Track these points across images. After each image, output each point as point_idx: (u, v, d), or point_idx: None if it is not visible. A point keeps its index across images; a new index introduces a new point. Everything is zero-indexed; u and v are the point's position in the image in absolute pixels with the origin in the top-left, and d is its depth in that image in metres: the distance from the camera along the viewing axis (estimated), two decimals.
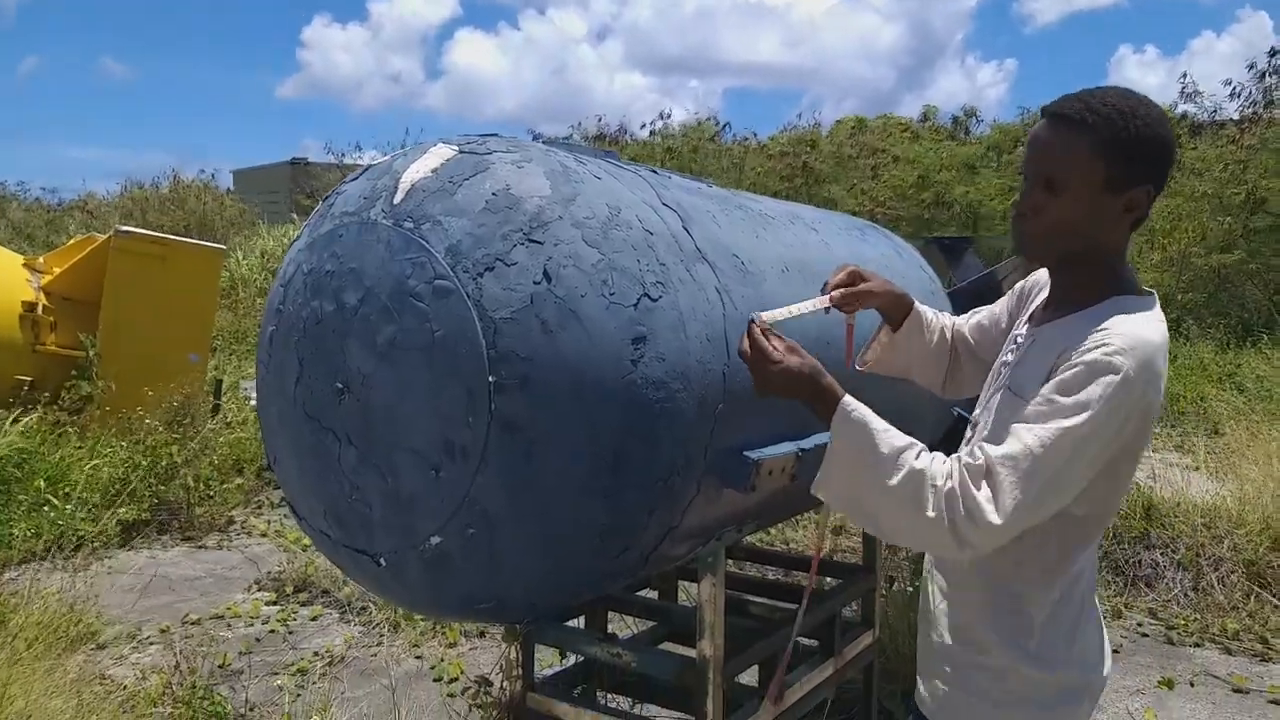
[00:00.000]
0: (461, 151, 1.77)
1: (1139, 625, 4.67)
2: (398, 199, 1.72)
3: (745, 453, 1.90)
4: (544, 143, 1.94)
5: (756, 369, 1.57)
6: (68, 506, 5.63)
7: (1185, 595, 4.87)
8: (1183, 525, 5.13)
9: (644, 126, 22.15)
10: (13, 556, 5.11)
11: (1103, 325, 1.42)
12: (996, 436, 1.45)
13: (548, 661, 3.12)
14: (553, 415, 1.61)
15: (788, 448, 1.98)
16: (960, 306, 3.14)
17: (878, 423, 1.48)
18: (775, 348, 1.56)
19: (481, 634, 4.36)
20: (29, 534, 5.32)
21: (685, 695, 2.32)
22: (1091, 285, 1.50)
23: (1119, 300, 1.47)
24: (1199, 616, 4.68)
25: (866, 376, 1.92)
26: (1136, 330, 1.40)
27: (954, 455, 1.46)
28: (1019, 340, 1.63)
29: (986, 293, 3.57)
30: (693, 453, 1.80)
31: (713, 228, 2.01)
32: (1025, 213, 1.51)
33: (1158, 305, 1.49)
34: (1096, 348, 1.38)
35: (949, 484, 1.40)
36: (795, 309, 1.72)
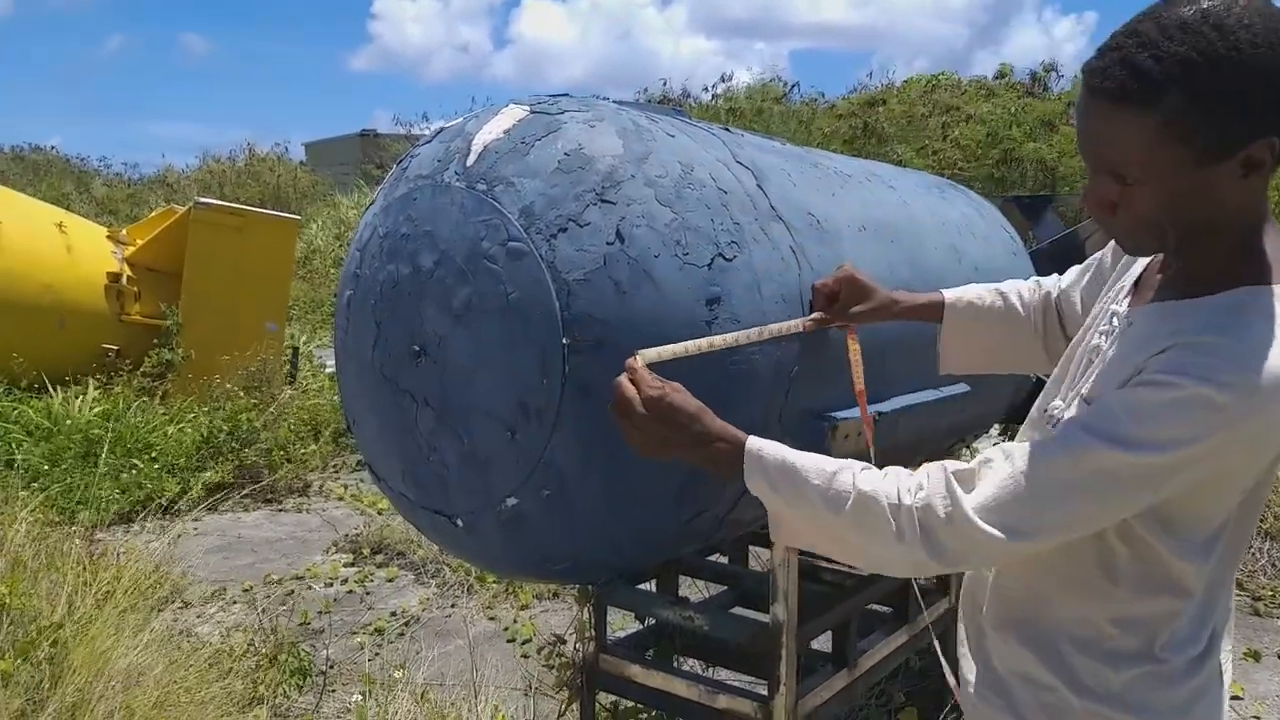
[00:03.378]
0: (533, 112, 1.76)
1: None
2: (470, 161, 1.72)
3: (821, 416, 1.87)
4: (615, 102, 1.92)
5: (622, 414, 1.30)
6: (154, 468, 5.84)
7: (1273, 565, 4.71)
8: (1272, 494, 4.96)
9: (706, 90, 21.84)
10: (102, 518, 5.31)
11: (1216, 338, 1.04)
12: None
13: (619, 625, 3.14)
14: None
15: None
16: (1042, 267, 3.05)
17: (796, 455, 1.22)
18: (650, 384, 1.30)
19: (555, 595, 4.42)
20: (117, 496, 5.53)
21: (757, 660, 2.31)
22: (1215, 263, 1.11)
23: (1253, 295, 1.06)
24: None
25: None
26: (1262, 356, 1.01)
27: (936, 464, 1.18)
28: (1115, 320, 1.25)
29: (1069, 252, 3.46)
30: (768, 415, 1.78)
31: (788, 186, 1.97)
32: (1100, 208, 1.13)
33: None
34: (1196, 376, 1.02)
35: (919, 496, 1.13)
36: (719, 340, 1.54)
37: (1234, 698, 3.51)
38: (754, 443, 1.25)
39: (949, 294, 1.71)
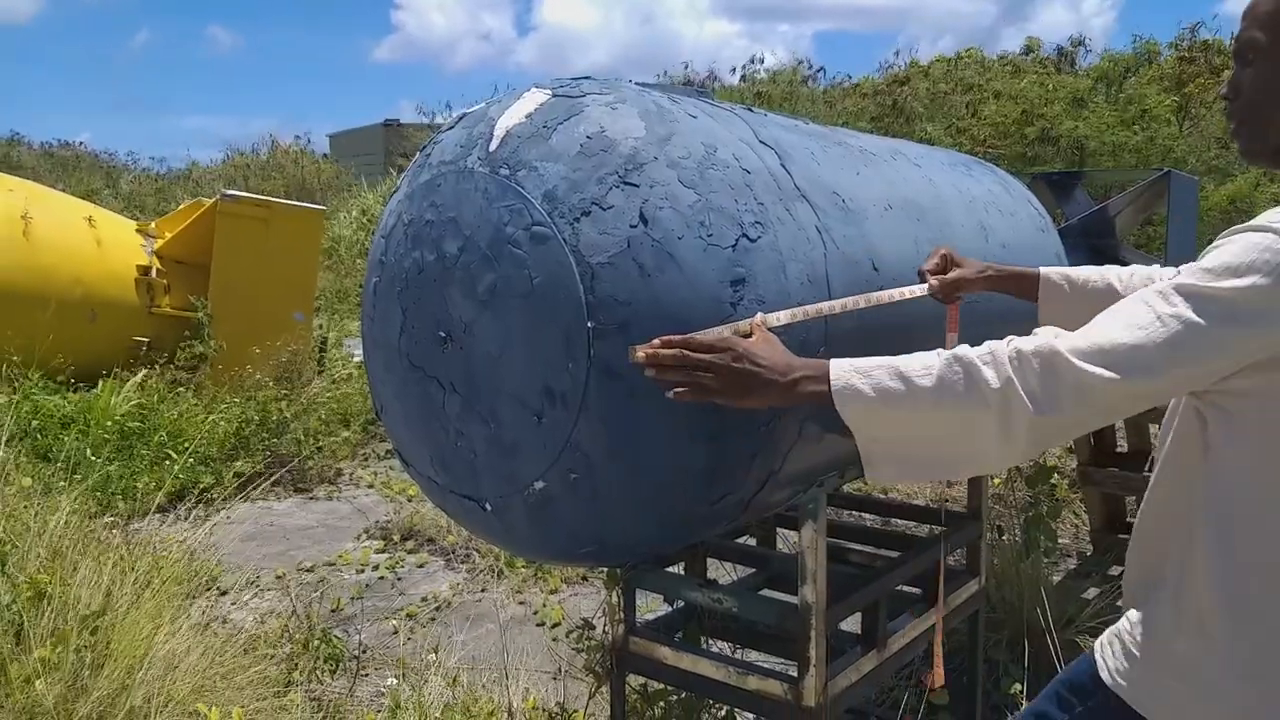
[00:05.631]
0: (555, 95, 1.75)
1: None
2: (493, 146, 1.72)
3: None
4: (637, 84, 1.91)
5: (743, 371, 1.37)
6: (188, 460, 5.91)
7: None
8: None
9: (734, 70, 21.77)
10: (137, 508, 5.39)
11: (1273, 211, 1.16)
12: None
13: (648, 607, 3.15)
14: None
15: None
16: (1071, 244, 3.02)
17: (879, 359, 1.29)
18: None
19: (583, 579, 4.44)
20: (151, 487, 5.60)
21: (785, 642, 2.31)
22: None
23: None
24: None
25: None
26: None
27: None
28: None
29: (1098, 229, 3.42)
30: None
31: (812, 165, 1.96)
32: (1226, 99, 1.30)
33: None
34: (1252, 222, 1.15)
35: (1010, 346, 1.19)
36: (840, 304, 1.66)
37: None
38: (835, 362, 1.31)
39: (1045, 269, 1.81)
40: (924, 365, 1.23)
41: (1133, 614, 1.37)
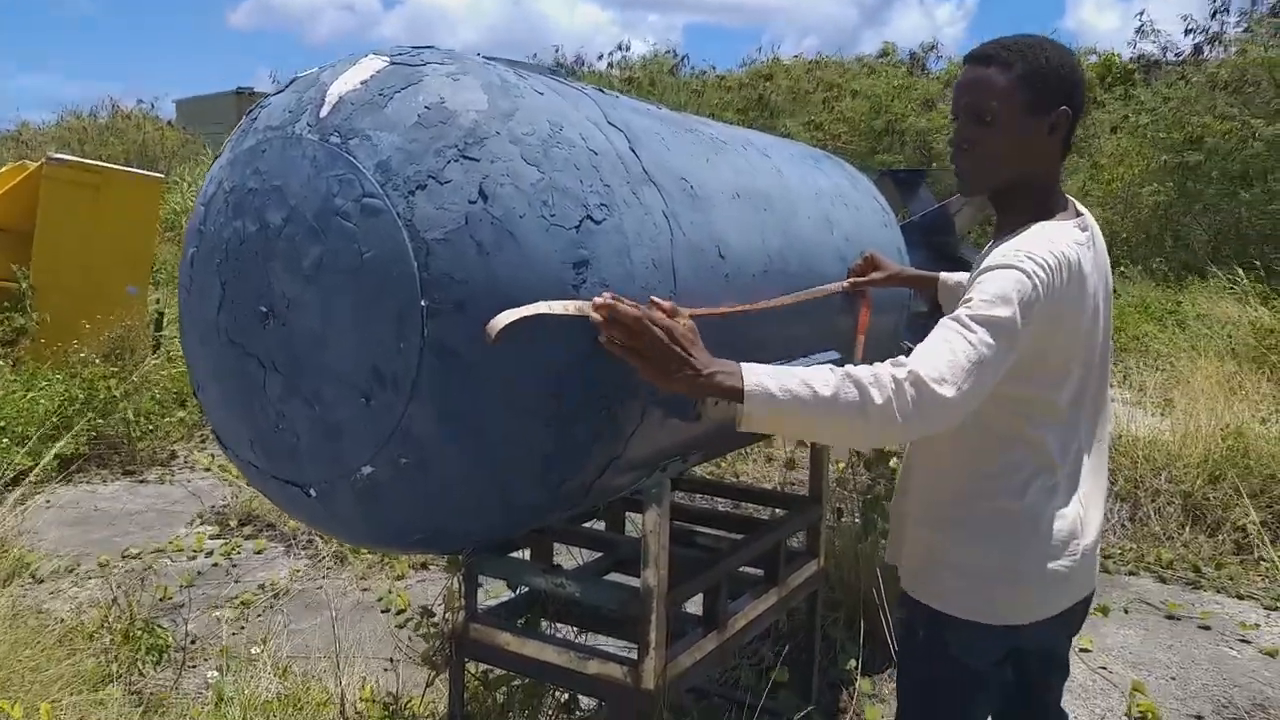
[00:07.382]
0: (393, 63, 1.68)
1: None
2: (324, 112, 1.63)
3: None
4: (483, 57, 1.85)
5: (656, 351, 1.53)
6: (3, 440, 5.48)
7: (1122, 526, 4.99)
8: (1123, 458, 5.23)
9: (601, 58, 21.73)
10: None
11: (1013, 241, 1.62)
12: None
13: (496, 593, 3.10)
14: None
15: None
16: (912, 239, 3.12)
17: (784, 368, 1.53)
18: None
19: (426, 566, 4.35)
20: None
21: (631, 625, 2.31)
22: (1022, 213, 1.69)
23: (1038, 224, 1.66)
24: (1135, 546, 4.80)
25: None
26: (1035, 243, 1.58)
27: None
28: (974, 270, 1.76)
29: (939, 225, 3.55)
30: (636, 379, 1.75)
31: (661, 150, 1.94)
32: (964, 146, 1.70)
33: (1076, 228, 1.67)
34: (1000, 255, 1.58)
35: (888, 373, 1.47)
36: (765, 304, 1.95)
37: (1083, 649, 3.70)
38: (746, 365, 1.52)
39: (943, 274, 2.34)
40: (824, 380, 1.48)
41: None
